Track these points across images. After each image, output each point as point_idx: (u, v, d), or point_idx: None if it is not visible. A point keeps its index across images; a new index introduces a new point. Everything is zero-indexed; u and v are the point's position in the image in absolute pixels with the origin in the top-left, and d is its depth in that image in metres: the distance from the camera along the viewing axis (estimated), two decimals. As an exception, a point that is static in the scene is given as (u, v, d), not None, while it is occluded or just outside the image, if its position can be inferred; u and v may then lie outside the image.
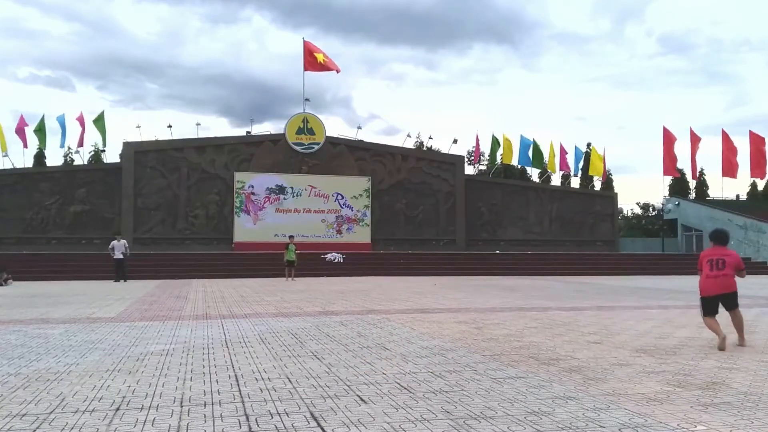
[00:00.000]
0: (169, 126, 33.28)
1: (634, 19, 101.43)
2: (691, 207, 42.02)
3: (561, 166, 38.60)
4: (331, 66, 34.40)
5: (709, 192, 49.58)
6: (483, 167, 49.46)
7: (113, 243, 22.78)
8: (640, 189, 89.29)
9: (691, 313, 8.14)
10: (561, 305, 12.55)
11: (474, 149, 44.64)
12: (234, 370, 5.76)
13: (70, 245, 29.54)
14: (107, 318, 10.30)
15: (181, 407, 4.36)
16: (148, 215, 31.09)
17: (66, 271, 23.83)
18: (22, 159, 49.07)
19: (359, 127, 53.84)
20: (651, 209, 56.87)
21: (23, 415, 4.15)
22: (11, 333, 8.36)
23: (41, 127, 32.59)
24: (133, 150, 31.21)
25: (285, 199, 32.49)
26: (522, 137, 37.68)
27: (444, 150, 38.94)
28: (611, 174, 48.58)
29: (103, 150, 36.44)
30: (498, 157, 39.66)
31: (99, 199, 30.68)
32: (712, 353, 6.68)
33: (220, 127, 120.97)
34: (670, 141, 38.25)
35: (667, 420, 4.02)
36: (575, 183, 43.57)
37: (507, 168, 44.19)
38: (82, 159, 38.10)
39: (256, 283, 20.62)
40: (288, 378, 5.38)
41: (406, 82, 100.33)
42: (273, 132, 34.58)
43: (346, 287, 18.33)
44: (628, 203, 64.51)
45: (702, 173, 49.48)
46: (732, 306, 7.30)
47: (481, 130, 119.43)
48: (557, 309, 11.70)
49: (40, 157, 41.71)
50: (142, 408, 4.34)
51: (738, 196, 47.46)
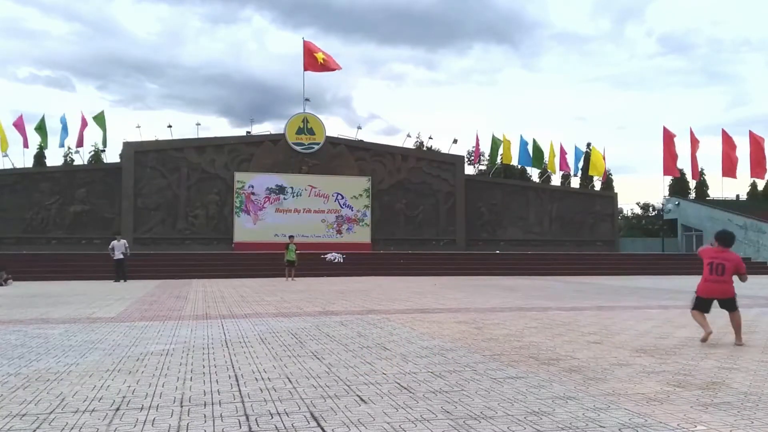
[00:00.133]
0: (169, 126, 33.34)
1: (634, 19, 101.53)
2: (691, 207, 42.03)
3: (561, 166, 38.61)
4: (331, 65, 34.37)
5: (709, 192, 49.59)
6: (483, 167, 49.47)
7: (113, 243, 22.76)
8: (640, 189, 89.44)
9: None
10: (561, 305, 12.55)
11: (474, 149, 44.68)
12: (234, 370, 5.76)
13: (70, 245, 29.54)
14: (107, 318, 10.31)
15: (181, 407, 4.36)
16: (148, 215, 31.09)
17: (66, 271, 23.84)
18: (22, 159, 49.15)
19: (359, 127, 53.91)
20: (651, 209, 56.88)
21: (23, 415, 4.15)
22: (11, 333, 8.36)
23: (41, 126, 32.61)
24: (133, 150, 31.22)
25: (285, 199, 32.49)
26: (522, 138, 37.72)
27: (444, 150, 38.98)
28: (611, 174, 48.60)
29: (103, 150, 36.47)
30: (498, 157, 39.66)
31: (99, 199, 30.68)
32: (712, 353, 6.68)
33: (220, 127, 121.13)
34: (670, 140, 38.25)
35: (667, 420, 4.02)
36: (575, 183, 43.61)
37: (507, 168, 44.20)
38: (82, 159, 38.17)
39: (256, 283, 20.62)
40: (288, 378, 5.38)
41: (406, 82, 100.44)
42: (273, 132, 34.62)
43: (346, 287, 18.33)
44: (628, 203, 64.56)
45: (702, 173, 49.48)
46: (730, 309, 7.38)
47: (481, 130, 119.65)
48: (557, 309, 11.70)
49: (40, 157, 41.72)
50: (142, 408, 4.34)
51: (738, 196, 47.47)
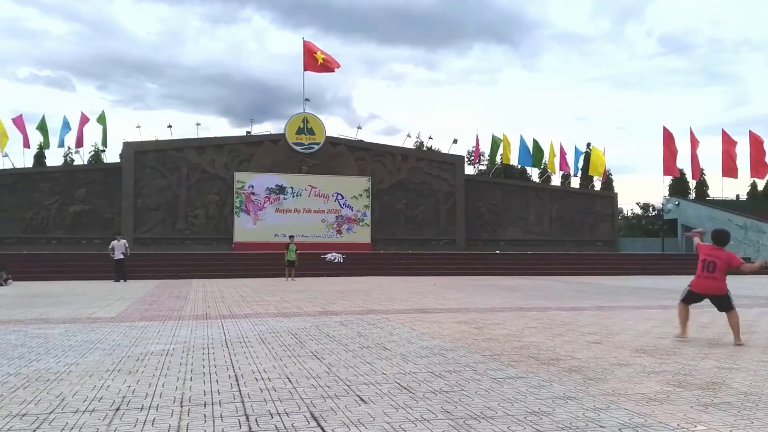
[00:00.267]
0: (169, 126, 33.34)
1: (634, 19, 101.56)
2: (691, 207, 42.01)
3: (561, 166, 38.61)
4: (331, 65, 34.35)
5: (709, 192, 49.58)
6: (483, 167, 49.48)
7: (113, 243, 22.74)
8: (640, 189, 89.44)
9: (692, 313, 8.13)
10: (561, 305, 12.55)
11: (474, 149, 44.68)
12: (234, 370, 5.76)
13: (70, 245, 29.54)
14: (107, 318, 10.30)
15: (181, 407, 4.36)
16: (148, 215, 31.09)
17: (66, 271, 23.84)
18: (22, 159, 49.17)
19: (359, 127, 53.93)
20: (651, 209, 56.88)
21: (23, 415, 4.15)
22: (11, 333, 8.36)
23: (43, 126, 32.60)
24: (133, 150, 31.22)
25: (285, 199, 32.49)
26: (522, 138, 37.73)
27: (444, 150, 38.98)
28: (611, 174, 48.60)
29: (103, 150, 36.46)
30: (498, 157, 39.65)
31: (99, 199, 30.68)
32: (712, 353, 6.68)
33: (220, 127, 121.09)
34: (670, 140, 38.26)
35: (667, 420, 4.02)
36: (575, 183, 43.61)
37: (507, 168, 44.20)
38: (82, 159, 38.15)
39: (256, 283, 20.62)
40: (288, 378, 5.38)
41: (406, 82, 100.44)
42: (273, 132, 34.62)
43: (346, 287, 18.33)
44: (628, 203, 64.57)
45: (702, 173, 49.49)
46: (725, 308, 7.45)
47: (481, 130, 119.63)
48: (557, 309, 11.70)
49: (40, 157, 41.69)
50: (142, 408, 4.34)
51: (738, 196, 47.44)
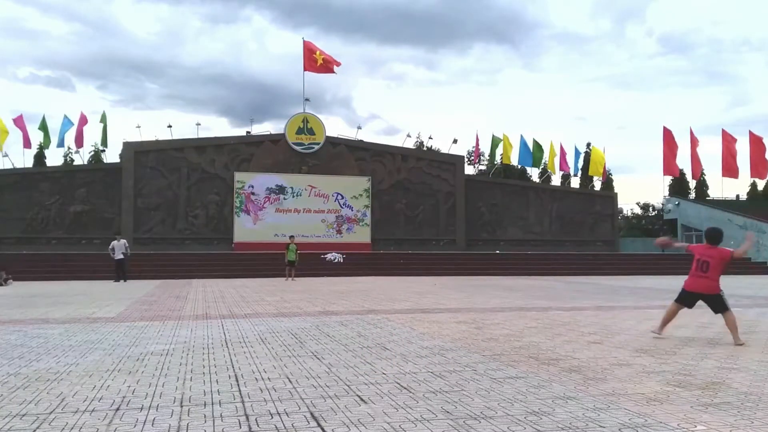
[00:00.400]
0: (169, 126, 33.39)
1: (634, 19, 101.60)
2: (691, 207, 42.00)
3: (561, 166, 38.62)
4: (331, 65, 34.35)
5: (709, 192, 49.60)
6: (483, 167, 49.48)
7: (113, 243, 22.72)
8: (640, 189, 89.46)
9: (691, 313, 8.15)
10: (561, 305, 12.55)
11: (474, 149, 44.69)
12: (234, 370, 5.75)
13: (70, 245, 29.54)
14: (107, 318, 10.30)
15: (181, 407, 4.36)
16: (148, 215, 31.10)
17: (66, 271, 23.84)
18: (22, 159, 49.17)
19: (359, 127, 54.00)
20: (651, 209, 56.88)
21: (23, 415, 4.15)
22: (11, 333, 8.36)
23: (44, 126, 32.60)
24: (133, 150, 31.23)
25: (285, 199, 32.49)
26: (522, 138, 37.71)
27: (444, 150, 39.00)
28: (611, 174, 48.61)
29: (103, 150, 36.53)
30: (498, 157, 39.65)
31: (99, 199, 30.69)
32: (712, 353, 6.68)
33: (220, 127, 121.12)
34: (670, 140, 38.26)
35: (667, 420, 4.02)
36: (575, 183, 43.60)
37: (507, 168, 44.20)
38: (82, 159, 38.20)
39: (256, 283, 20.62)
40: (288, 378, 5.38)
41: (406, 82, 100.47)
42: (273, 132, 34.66)
43: (346, 287, 18.32)
44: (628, 203, 64.67)
45: (702, 173, 49.48)
46: (719, 309, 7.45)
47: (481, 130, 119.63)
48: (557, 309, 11.70)
49: (40, 157, 41.72)
50: (142, 408, 4.34)
51: (738, 196, 47.44)
